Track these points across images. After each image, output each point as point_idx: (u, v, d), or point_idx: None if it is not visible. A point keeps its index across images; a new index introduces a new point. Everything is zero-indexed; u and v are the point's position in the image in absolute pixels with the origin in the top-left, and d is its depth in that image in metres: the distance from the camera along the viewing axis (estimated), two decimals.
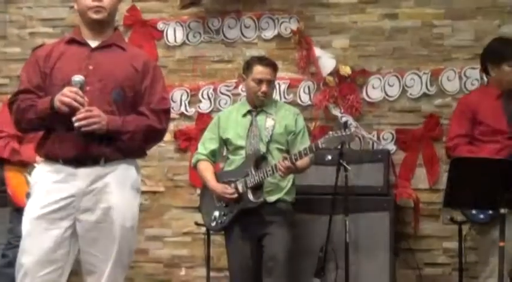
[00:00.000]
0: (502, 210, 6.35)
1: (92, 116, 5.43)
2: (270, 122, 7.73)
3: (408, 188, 8.94)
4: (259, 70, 7.72)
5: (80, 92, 5.43)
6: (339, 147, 7.81)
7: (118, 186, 5.72)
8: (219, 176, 7.80)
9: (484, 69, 7.95)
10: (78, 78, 5.46)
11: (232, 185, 7.55)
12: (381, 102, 9.25)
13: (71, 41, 5.87)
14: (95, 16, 5.66)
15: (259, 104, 7.80)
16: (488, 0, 9.21)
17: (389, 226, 8.29)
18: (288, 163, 7.23)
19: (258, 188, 7.47)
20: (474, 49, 8.88)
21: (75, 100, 5.40)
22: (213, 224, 7.81)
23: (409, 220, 8.97)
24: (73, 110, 5.43)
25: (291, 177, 7.69)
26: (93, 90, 5.61)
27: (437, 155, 9.00)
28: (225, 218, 7.66)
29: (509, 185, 6.34)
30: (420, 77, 9.10)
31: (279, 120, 7.76)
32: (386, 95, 9.18)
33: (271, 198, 7.56)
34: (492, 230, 7.21)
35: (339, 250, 7.95)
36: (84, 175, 5.60)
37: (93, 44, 5.81)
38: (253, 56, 8.37)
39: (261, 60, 7.97)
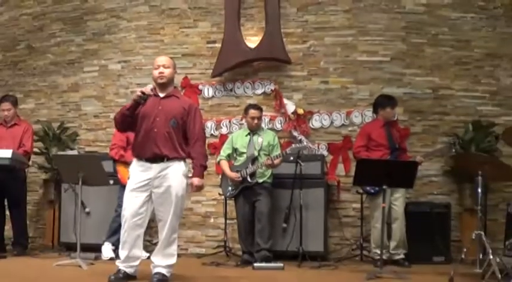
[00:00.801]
0: (384, 186, 7.25)
1: (198, 190, 6.66)
2: (260, 140, 8.56)
3: (334, 175, 9.61)
4: (252, 112, 8.60)
5: (148, 90, 6.28)
6: (297, 152, 8.44)
7: (174, 174, 6.32)
8: (232, 168, 8.60)
9: (375, 111, 8.77)
10: (149, 86, 6.35)
11: (239, 173, 8.43)
12: (319, 128, 9.84)
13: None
14: (159, 81, 6.40)
15: (253, 130, 8.63)
16: (376, 74, 9.75)
17: (324, 196, 9.00)
18: (269, 162, 8.23)
19: (253, 174, 8.36)
20: (369, 100, 9.47)
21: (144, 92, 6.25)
22: (228, 194, 8.66)
23: (334, 192, 9.53)
24: (144, 100, 6.27)
25: (270, 170, 8.54)
26: (160, 120, 6.29)
27: (349, 158, 9.51)
28: (234, 191, 8.53)
29: (388, 173, 7.17)
30: (340, 115, 9.73)
31: (264, 138, 8.58)
32: (322, 125, 9.82)
33: (260, 180, 8.43)
34: (377, 198, 8.04)
35: (296, 209, 8.61)
36: (155, 167, 6.31)
37: (162, 95, 6.44)
38: (248, 104, 8.99)
39: (253, 106, 8.76)
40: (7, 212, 9.26)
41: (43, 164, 10.39)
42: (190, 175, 6.72)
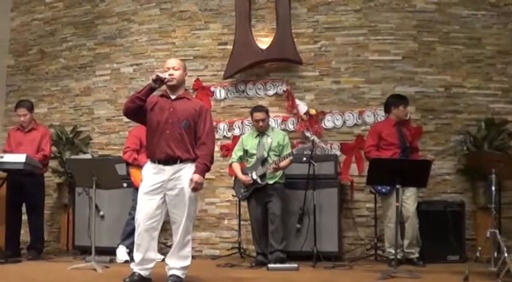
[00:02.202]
0: (398, 186, 7.20)
1: (197, 187, 6.33)
2: (269, 140, 8.48)
3: (347, 175, 9.57)
4: (256, 115, 8.55)
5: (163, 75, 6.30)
6: (310, 152, 8.50)
7: (187, 176, 6.33)
8: (244, 170, 8.55)
9: (386, 110, 8.72)
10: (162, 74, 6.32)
11: (249, 175, 8.39)
12: (332, 128, 9.83)
13: (162, 96, 6.54)
14: (170, 83, 6.38)
15: (261, 131, 8.58)
16: (388, 73, 9.76)
17: (337, 196, 8.98)
18: (274, 165, 8.19)
19: (263, 176, 8.30)
20: (381, 100, 9.40)
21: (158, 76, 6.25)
22: (240, 196, 8.64)
23: (347, 192, 9.48)
24: (160, 81, 6.28)
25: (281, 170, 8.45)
26: (173, 122, 6.34)
27: (362, 157, 9.38)
28: (247, 193, 8.49)
29: (401, 172, 7.15)
30: (353, 115, 9.73)
31: (274, 138, 8.50)
32: (335, 125, 9.81)
33: (271, 181, 8.36)
34: (389, 197, 8.07)
35: (310, 209, 8.64)
36: (168, 169, 6.34)
37: (173, 97, 6.49)
38: (252, 107, 8.91)
39: (256, 109, 8.69)
40: (24, 217, 9.29)
41: (57, 168, 10.43)
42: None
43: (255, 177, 8.35)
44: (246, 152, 8.69)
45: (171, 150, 6.33)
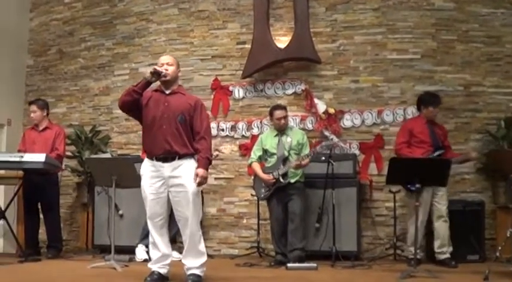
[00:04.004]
0: (417, 185, 7.16)
1: (202, 181, 6.28)
2: (288, 139, 8.45)
3: (366, 174, 9.56)
4: (278, 113, 8.52)
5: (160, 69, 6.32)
6: (329, 152, 8.50)
7: (187, 171, 6.28)
8: (264, 170, 8.48)
9: (418, 108, 8.67)
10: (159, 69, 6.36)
11: (271, 174, 8.33)
12: (351, 128, 9.79)
13: (156, 90, 6.53)
14: (164, 79, 6.37)
15: (281, 130, 8.56)
16: (407, 72, 9.70)
17: (356, 195, 9.00)
18: (297, 162, 8.17)
19: (285, 175, 8.25)
20: (400, 99, 9.59)
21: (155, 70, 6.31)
22: (262, 195, 8.56)
23: (366, 191, 9.49)
24: (157, 75, 6.30)
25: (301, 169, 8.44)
26: (168, 117, 6.32)
27: (381, 156, 9.53)
28: (268, 192, 8.42)
29: (421, 171, 7.13)
30: (372, 114, 9.69)
31: (293, 137, 8.48)
32: (354, 124, 9.77)
33: (292, 180, 8.33)
34: (419, 196, 7.69)
35: (329, 208, 8.63)
36: (167, 166, 6.31)
37: (167, 92, 6.48)
38: (271, 106, 8.88)
39: (277, 107, 8.69)
40: (41, 216, 9.35)
41: (76, 168, 10.49)
42: (223, 176, 6.73)
43: (277, 176, 8.33)
44: (265, 151, 8.66)
45: (169, 145, 6.31)
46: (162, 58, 6.65)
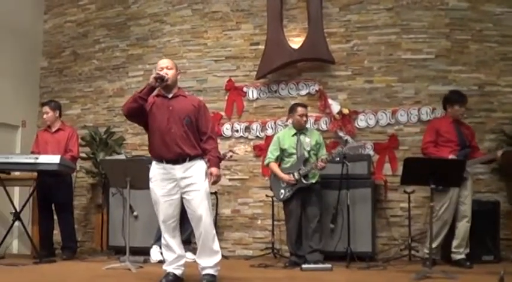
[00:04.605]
0: (432, 186, 7.11)
1: (217, 180, 6.42)
2: (307, 139, 8.36)
3: (381, 175, 9.53)
4: (300, 110, 8.43)
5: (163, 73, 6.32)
6: (352, 153, 8.43)
7: (198, 172, 6.34)
8: (283, 170, 8.39)
9: (444, 107, 8.58)
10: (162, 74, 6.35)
11: (292, 175, 8.24)
12: (365, 128, 9.79)
13: (158, 96, 6.49)
14: (164, 84, 6.35)
15: (300, 129, 8.46)
16: (420, 72, 9.68)
17: (371, 196, 9.02)
18: (322, 164, 8.10)
19: (306, 175, 8.21)
20: (414, 99, 9.58)
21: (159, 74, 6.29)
22: (281, 196, 8.38)
23: (381, 192, 9.46)
24: (161, 80, 6.28)
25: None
26: (174, 120, 6.33)
27: (396, 157, 9.54)
28: (288, 193, 8.29)
29: (435, 172, 7.08)
30: (386, 114, 9.69)
31: (312, 137, 8.42)
32: (368, 124, 9.77)
33: (313, 181, 8.30)
34: (443, 195, 8.02)
35: (344, 209, 8.60)
36: (178, 168, 6.33)
37: (169, 95, 6.46)
38: (294, 103, 8.86)
39: (299, 104, 8.64)
40: (55, 217, 9.40)
41: (90, 169, 10.53)
42: (237, 177, 6.71)
43: (298, 177, 8.27)
44: (282, 151, 8.56)
45: (180, 148, 6.32)
46: (161, 62, 6.65)
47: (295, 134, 8.55)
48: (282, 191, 8.41)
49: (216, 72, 10.60)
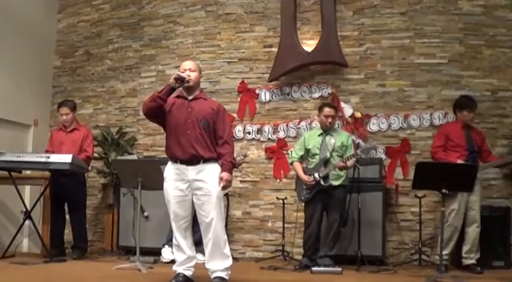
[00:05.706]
0: (444, 190, 7.09)
1: (227, 185, 6.29)
2: (332, 140, 8.28)
3: (392, 179, 9.53)
4: (326, 110, 8.37)
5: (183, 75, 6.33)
6: (367, 152, 8.49)
7: (212, 175, 6.28)
8: (306, 171, 8.36)
9: (454, 112, 8.60)
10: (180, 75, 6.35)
11: (312, 176, 8.19)
12: (377, 132, 9.81)
13: (178, 97, 6.54)
14: (186, 84, 6.36)
15: (326, 129, 8.41)
16: (433, 76, 9.67)
17: (382, 200, 9.01)
18: (342, 164, 7.99)
19: (326, 177, 8.11)
20: (427, 103, 9.59)
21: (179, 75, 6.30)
22: (302, 198, 8.36)
23: (392, 196, 9.48)
24: (181, 81, 6.30)
25: (345, 172, 8.30)
26: (192, 122, 6.34)
27: (407, 161, 9.54)
28: (309, 195, 8.26)
29: (447, 176, 7.06)
30: (398, 118, 9.70)
31: (338, 139, 8.30)
32: (380, 128, 9.79)
33: (335, 183, 8.19)
34: (452, 200, 8.05)
35: (354, 213, 8.60)
36: (192, 170, 6.32)
37: (190, 97, 6.50)
38: (322, 102, 8.91)
39: (327, 104, 8.58)
40: (67, 216, 9.42)
41: (102, 169, 10.54)
42: (248, 179, 6.72)
43: (317, 178, 8.22)
44: (307, 151, 8.53)
45: (194, 150, 6.32)
46: (185, 63, 6.67)
47: (321, 134, 8.53)
48: (304, 192, 8.40)
49: (228, 74, 10.62)
